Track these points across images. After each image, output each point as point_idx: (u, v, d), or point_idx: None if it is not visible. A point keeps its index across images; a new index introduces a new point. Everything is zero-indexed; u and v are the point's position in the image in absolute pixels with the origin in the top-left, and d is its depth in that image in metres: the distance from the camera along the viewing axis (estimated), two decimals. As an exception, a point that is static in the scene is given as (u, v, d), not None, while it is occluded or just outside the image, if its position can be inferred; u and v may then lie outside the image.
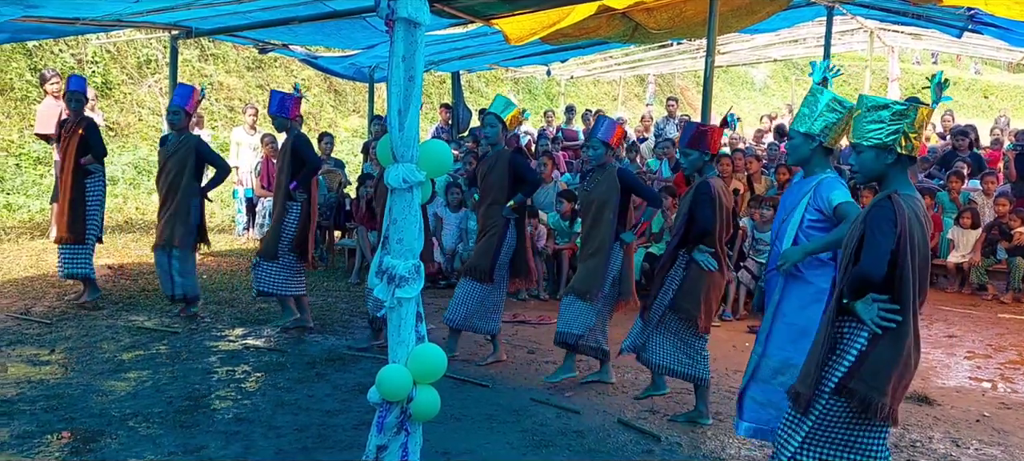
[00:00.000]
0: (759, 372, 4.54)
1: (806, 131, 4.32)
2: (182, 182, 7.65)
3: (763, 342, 4.50)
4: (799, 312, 4.35)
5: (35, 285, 8.77)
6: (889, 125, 3.38)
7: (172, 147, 7.72)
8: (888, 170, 3.42)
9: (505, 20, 8.76)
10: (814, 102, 4.31)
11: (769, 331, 4.47)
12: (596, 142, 6.21)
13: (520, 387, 6.20)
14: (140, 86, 16.16)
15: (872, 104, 3.45)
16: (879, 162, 3.43)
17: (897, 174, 3.42)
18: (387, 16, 3.34)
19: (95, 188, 8.18)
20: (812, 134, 4.31)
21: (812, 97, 4.34)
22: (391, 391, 3.46)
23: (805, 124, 4.33)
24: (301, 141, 7.44)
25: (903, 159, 3.40)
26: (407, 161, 3.44)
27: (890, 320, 3.30)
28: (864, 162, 3.47)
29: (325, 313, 8.26)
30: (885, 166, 3.41)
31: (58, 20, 8.13)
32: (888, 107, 3.40)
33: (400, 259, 3.48)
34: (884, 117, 3.40)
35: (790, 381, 4.32)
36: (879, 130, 3.40)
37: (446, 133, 14.23)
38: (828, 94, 4.29)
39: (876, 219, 3.31)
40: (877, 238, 3.28)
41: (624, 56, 18.25)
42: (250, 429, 5.11)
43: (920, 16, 10.08)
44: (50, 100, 10.54)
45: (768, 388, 4.50)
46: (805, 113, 4.34)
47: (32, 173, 13.35)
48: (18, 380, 5.86)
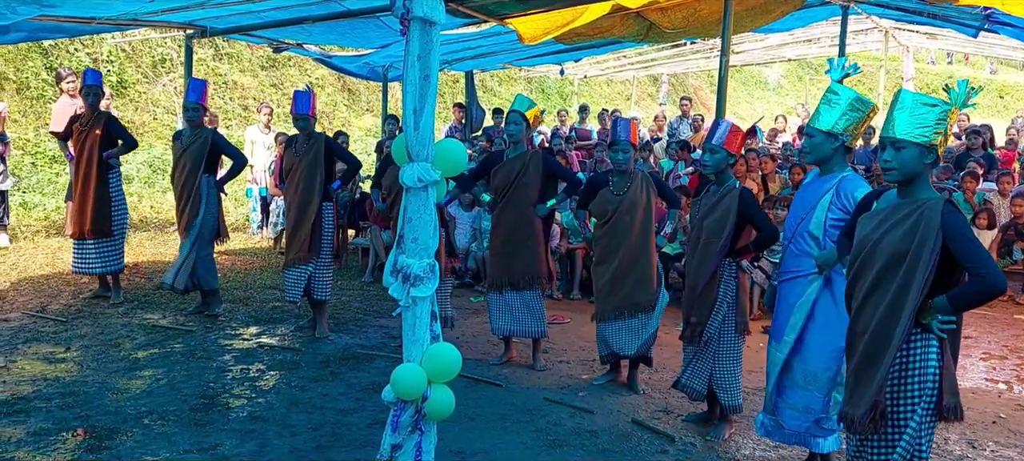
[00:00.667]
0: (793, 377, 4.47)
1: (829, 129, 4.27)
2: (198, 175, 7.66)
3: (792, 345, 4.42)
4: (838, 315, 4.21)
5: (51, 283, 8.82)
6: (936, 125, 3.25)
7: (187, 141, 7.71)
8: (924, 170, 3.31)
9: (519, 19, 8.76)
10: (837, 100, 4.26)
11: (802, 336, 4.39)
12: (626, 145, 5.93)
13: (534, 387, 6.20)
14: (155, 85, 16.23)
15: (922, 101, 3.29)
16: (920, 161, 3.26)
17: (927, 175, 3.33)
18: (402, 15, 3.34)
19: (117, 181, 8.24)
20: (836, 133, 4.26)
21: (834, 95, 4.29)
22: (406, 390, 3.46)
23: (828, 122, 4.28)
24: (332, 142, 7.43)
25: (936, 161, 3.34)
26: (422, 160, 3.44)
27: (950, 323, 3.25)
28: (905, 160, 3.27)
29: (339, 312, 8.28)
30: (924, 166, 3.27)
31: (74, 19, 8.17)
32: (937, 106, 3.26)
33: (415, 258, 3.48)
34: (932, 116, 3.26)
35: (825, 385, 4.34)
36: (926, 128, 3.25)
37: (459, 132, 14.24)
38: (851, 93, 4.25)
39: (962, 226, 3.18)
40: (977, 243, 3.16)
41: (637, 55, 18.22)
42: (265, 427, 5.12)
43: (936, 15, 10.02)
44: (66, 98, 10.58)
45: (806, 394, 4.44)
46: (825, 111, 4.29)
47: (48, 171, 13.42)
48: (34, 377, 5.90)
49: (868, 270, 3.34)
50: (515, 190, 6.52)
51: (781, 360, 4.50)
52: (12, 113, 13.57)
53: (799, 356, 4.44)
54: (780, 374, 4.53)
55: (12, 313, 7.62)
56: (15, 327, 7.17)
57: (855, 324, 3.42)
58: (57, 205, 12.42)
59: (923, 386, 3.28)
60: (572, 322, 8.31)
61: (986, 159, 11.88)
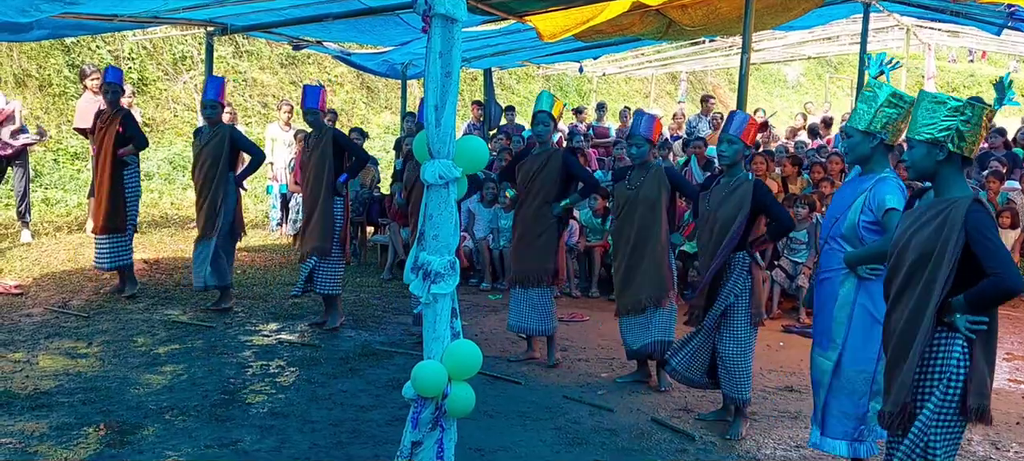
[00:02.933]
0: (840, 382, 4.36)
1: (866, 128, 4.18)
2: (218, 172, 7.69)
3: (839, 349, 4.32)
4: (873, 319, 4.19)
5: (73, 279, 8.88)
6: (943, 121, 3.26)
7: (206, 138, 7.76)
8: (940, 168, 3.29)
9: (538, 17, 8.74)
10: (873, 98, 4.17)
11: (845, 340, 4.30)
12: (640, 140, 5.95)
13: (553, 385, 6.19)
14: (175, 82, 16.32)
15: (931, 99, 3.32)
16: (929, 159, 3.31)
17: (952, 174, 3.31)
18: (425, 12, 3.35)
19: (132, 180, 8.28)
20: (872, 132, 4.17)
21: (870, 93, 4.20)
22: (426, 387, 3.46)
23: (864, 121, 4.19)
24: (341, 135, 7.49)
25: (954, 158, 3.28)
26: (443, 157, 3.44)
27: (980, 324, 3.23)
28: (915, 157, 3.35)
29: (358, 309, 8.29)
30: (936, 163, 3.29)
31: (96, 17, 8.21)
32: (945, 103, 3.28)
33: (436, 255, 3.48)
34: (940, 112, 3.27)
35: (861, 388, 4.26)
36: (932, 125, 3.28)
37: (478, 130, 14.23)
38: (888, 88, 4.16)
39: (985, 224, 3.17)
40: (997, 243, 3.15)
41: (656, 53, 18.16)
42: (285, 423, 5.14)
43: (959, 13, 9.92)
44: (89, 95, 10.65)
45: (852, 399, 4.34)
46: (863, 110, 4.20)
47: (69, 168, 13.53)
48: (56, 372, 5.94)
49: (900, 269, 3.35)
50: (534, 187, 6.53)
51: (830, 367, 4.36)
52: (34, 110, 13.69)
53: (841, 360, 4.33)
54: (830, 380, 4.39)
55: (35, 309, 7.68)
56: (37, 322, 7.23)
57: (888, 322, 3.43)
58: (79, 201, 12.51)
59: (940, 382, 3.28)
60: (591, 320, 8.29)
61: (1009, 158, 11.76)
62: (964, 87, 27.90)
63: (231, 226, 7.87)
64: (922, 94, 3.39)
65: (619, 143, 12.20)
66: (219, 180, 7.70)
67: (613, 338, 7.58)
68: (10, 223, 11.08)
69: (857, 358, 4.28)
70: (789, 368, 6.69)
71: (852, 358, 4.29)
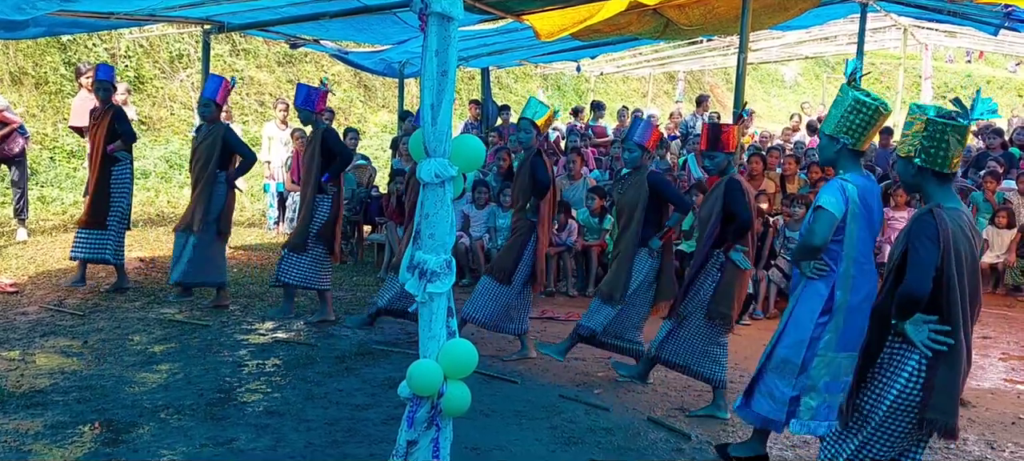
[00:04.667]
0: (772, 362, 4.54)
1: (830, 132, 4.26)
2: (209, 169, 7.79)
3: (777, 334, 4.50)
4: (800, 313, 4.38)
5: (68, 277, 8.85)
6: (914, 136, 3.39)
7: (202, 136, 7.89)
8: (921, 181, 3.37)
9: (536, 16, 8.74)
10: (840, 102, 4.24)
11: (784, 327, 4.47)
12: (631, 145, 6.16)
13: (549, 384, 6.19)
14: (172, 81, 16.30)
15: (911, 112, 3.45)
16: (907, 172, 3.43)
17: (936, 187, 3.36)
18: (421, 10, 3.34)
19: (121, 175, 8.35)
20: (835, 136, 4.24)
21: (839, 97, 4.28)
22: (422, 386, 3.45)
23: (828, 125, 4.28)
24: (330, 134, 7.59)
25: (927, 172, 3.36)
26: (439, 156, 3.43)
27: (941, 342, 3.25)
28: (899, 171, 3.50)
29: (354, 308, 8.29)
30: (911, 177, 3.40)
31: (92, 14, 8.21)
32: (916, 118, 3.40)
33: (432, 254, 3.47)
34: (912, 127, 3.41)
35: (778, 383, 4.44)
36: (905, 140, 3.43)
37: (476, 129, 14.22)
38: (855, 94, 4.19)
39: (917, 234, 3.26)
40: (920, 254, 3.23)
41: (654, 53, 18.17)
42: (280, 422, 5.13)
43: (956, 13, 9.93)
44: (85, 93, 10.65)
45: (770, 379, 4.52)
46: (832, 114, 4.29)
47: (66, 166, 13.50)
48: (51, 371, 5.93)
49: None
50: (513, 193, 6.95)
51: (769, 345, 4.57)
52: (31, 108, 13.67)
53: (776, 342, 4.50)
54: (765, 359, 4.58)
55: (30, 307, 7.66)
56: (33, 321, 7.21)
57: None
58: (75, 199, 12.50)
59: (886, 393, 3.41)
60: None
61: (1006, 158, 11.78)
62: (961, 87, 27.92)
63: (218, 225, 7.89)
64: (911, 107, 3.49)
65: (616, 143, 12.21)
66: (209, 178, 7.80)
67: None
68: (6, 221, 11.06)
69: (786, 347, 4.42)
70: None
71: (783, 346, 4.44)
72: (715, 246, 5.51)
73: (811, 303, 4.32)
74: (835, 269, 4.24)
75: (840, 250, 4.19)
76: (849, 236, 4.17)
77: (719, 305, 5.51)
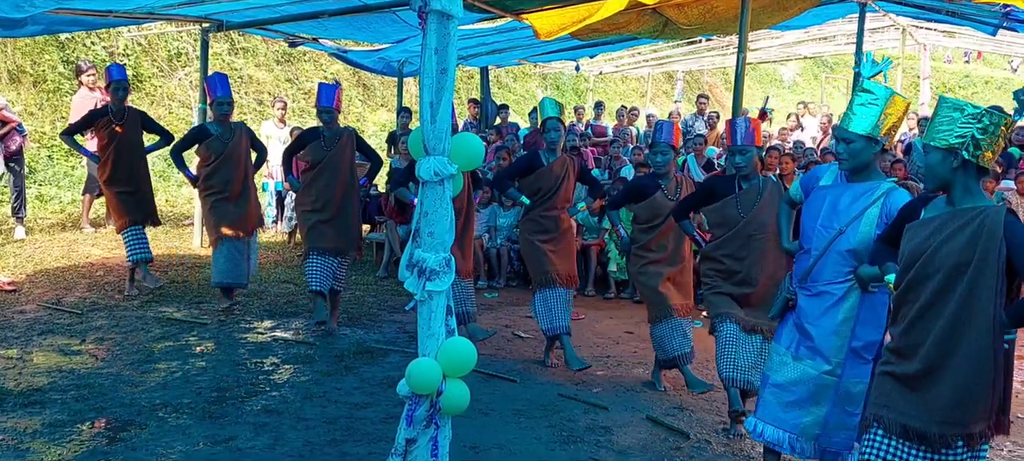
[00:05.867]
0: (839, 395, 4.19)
1: (869, 133, 3.97)
2: (249, 170, 7.84)
3: (842, 364, 4.14)
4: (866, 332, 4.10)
5: (66, 275, 8.85)
6: (959, 128, 3.18)
7: (228, 137, 7.63)
8: (954, 176, 3.20)
9: (535, 15, 8.73)
10: (874, 100, 3.97)
11: (847, 356, 4.13)
12: (664, 146, 5.94)
13: (548, 382, 6.19)
14: (171, 79, 16.28)
15: (950, 105, 3.24)
16: (945, 165, 3.21)
17: (969, 182, 3.22)
18: (420, 8, 3.33)
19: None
20: (876, 137, 3.98)
21: (869, 94, 3.99)
22: (421, 384, 3.45)
23: (867, 126, 3.97)
24: (360, 137, 7.53)
25: (970, 166, 3.19)
26: (439, 154, 3.43)
27: (1011, 337, 3.23)
28: (931, 164, 3.25)
29: (353, 307, 8.28)
30: (951, 171, 3.20)
31: (91, 12, 8.19)
32: (963, 109, 3.20)
33: (431, 252, 3.47)
34: (956, 118, 3.19)
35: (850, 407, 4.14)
36: (949, 132, 3.19)
37: (475, 128, 14.22)
38: (887, 90, 3.99)
39: (1022, 234, 3.10)
40: None
41: (652, 52, 18.16)
42: (279, 421, 5.13)
43: (954, 13, 9.93)
44: (85, 91, 10.64)
45: (844, 413, 4.19)
46: (863, 113, 3.98)
47: (64, 164, 13.48)
48: (49, 369, 5.92)
49: (924, 282, 3.23)
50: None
51: (833, 383, 4.19)
52: (29, 106, 13.64)
53: (842, 374, 4.17)
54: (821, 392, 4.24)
55: (28, 305, 7.65)
56: (31, 319, 7.20)
57: (907, 336, 3.30)
58: (73, 198, 12.48)
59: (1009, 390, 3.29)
60: (586, 318, 8.29)
61: (1004, 158, 11.79)
62: (959, 88, 27.96)
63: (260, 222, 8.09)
64: (942, 100, 3.29)
65: (616, 142, 12.21)
66: (251, 178, 7.87)
67: (608, 336, 7.61)
68: (3, 220, 11.04)
69: (856, 371, 4.14)
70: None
71: (853, 372, 4.15)
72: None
73: (874, 321, 4.06)
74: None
75: None
76: None
77: None
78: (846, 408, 4.17)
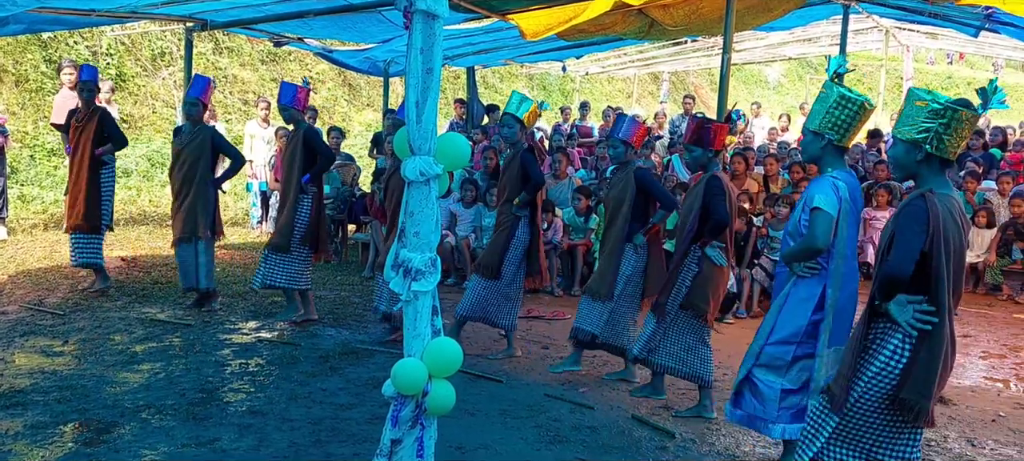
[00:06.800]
0: (760, 359, 4.54)
1: (815, 128, 4.26)
2: (198, 173, 7.62)
3: (766, 333, 4.49)
4: (790, 311, 4.39)
5: (48, 276, 8.79)
6: (923, 122, 3.32)
7: (187, 138, 7.66)
8: (919, 168, 3.35)
9: (521, 15, 8.74)
10: (825, 98, 4.24)
11: (773, 324, 4.46)
12: (615, 141, 6.17)
13: (534, 383, 6.18)
14: (154, 78, 16.20)
15: (916, 98, 3.36)
16: (909, 158, 3.38)
17: (931, 173, 3.36)
18: (406, 8, 3.32)
19: (108, 178, 8.24)
20: (821, 132, 4.24)
21: (823, 93, 4.28)
22: (406, 385, 3.44)
23: (815, 121, 4.27)
24: (313, 134, 7.48)
25: (933, 159, 3.33)
26: (424, 154, 3.42)
27: (926, 322, 3.27)
28: (896, 156, 3.43)
29: (338, 307, 8.26)
30: (915, 163, 3.35)
31: (73, 12, 8.14)
32: (927, 105, 3.32)
33: (416, 252, 3.46)
34: (921, 113, 3.33)
35: (768, 379, 4.47)
36: (913, 126, 3.34)
37: (461, 128, 14.22)
38: (839, 90, 4.20)
39: (907, 217, 3.28)
40: (906, 236, 3.25)
41: (638, 53, 18.21)
42: (263, 422, 5.11)
43: (937, 15, 10.00)
44: (66, 91, 10.57)
45: (759, 374, 4.54)
46: (816, 110, 4.28)
47: (46, 164, 13.40)
48: (31, 371, 5.87)
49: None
50: (500, 187, 6.91)
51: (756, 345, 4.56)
52: (11, 105, 13.55)
53: (766, 341, 4.51)
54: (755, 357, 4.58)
55: (9, 306, 7.60)
56: (12, 320, 7.15)
57: None
58: (55, 198, 12.40)
59: (865, 369, 3.42)
60: (571, 318, 8.27)
61: (985, 158, 11.89)
62: (942, 89, 28.08)
63: (211, 228, 7.81)
64: (911, 92, 3.42)
65: (602, 142, 12.23)
66: (200, 181, 7.64)
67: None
68: (-14, 220, 10.97)
69: (776, 341, 4.45)
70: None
71: (774, 343, 4.46)
72: (693, 241, 5.53)
73: (803, 302, 4.32)
74: (826, 267, 4.25)
75: (832, 248, 4.20)
76: (840, 234, 4.18)
77: (694, 297, 5.53)
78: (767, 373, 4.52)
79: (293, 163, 7.35)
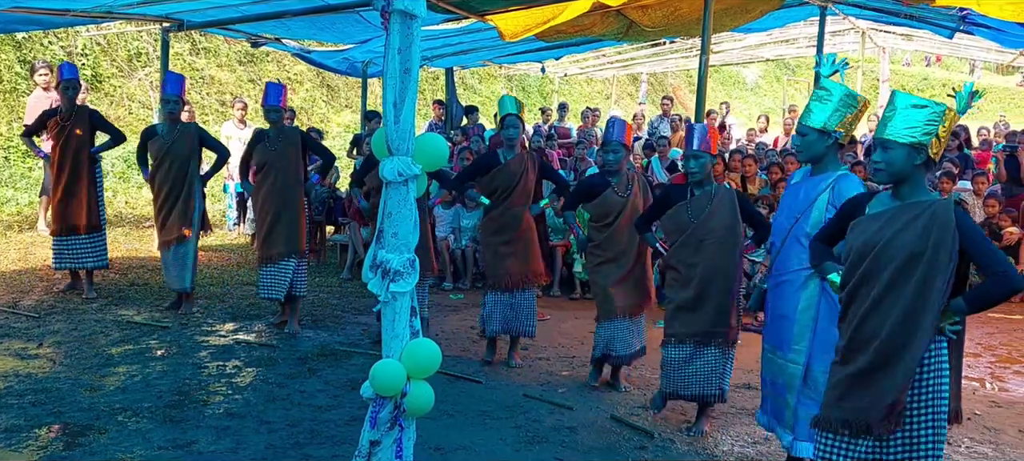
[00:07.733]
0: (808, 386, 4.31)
1: (822, 127, 4.17)
2: (189, 171, 7.59)
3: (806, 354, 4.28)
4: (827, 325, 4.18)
5: (23, 278, 8.70)
6: (926, 124, 3.25)
7: (170, 137, 7.56)
8: (915, 171, 3.29)
9: (499, 16, 8.72)
10: (829, 96, 4.18)
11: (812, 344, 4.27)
12: (616, 145, 5.90)
13: (513, 383, 6.18)
14: (130, 79, 16.06)
15: (912, 102, 3.29)
16: (909, 162, 3.27)
17: (921, 177, 3.32)
18: (383, 8, 3.32)
19: (100, 176, 8.24)
20: (829, 130, 4.17)
21: (825, 91, 4.20)
22: (385, 386, 3.43)
23: (820, 120, 4.18)
24: (311, 135, 7.45)
25: (928, 162, 3.30)
26: (402, 154, 3.41)
27: (957, 326, 3.29)
28: (894, 160, 3.28)
29: (317, 309, 8.22)
30: (913, 167, 3.27)
31: (48, 12, 8.04)
32: (928, 107, 3.27)
33: (395, 253, 3.45)
34: (922, 116, 3.25)
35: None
36: (914, 128, 3.25)
37: (440, 129, 14.19)
38: (842, 88, 4.17)
39: (974, 227, 3.22)
40: (990, 242, 3.22)
41: (617, 54, 18.25)
42: (241, 424, 5.08)
43: (912, 16, 10.07)
44: (39, 92, 10.46)
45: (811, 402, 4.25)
46: (818, 108, 4.19)
47: (20, 166, 13.25)
48: (6, 374, 5.81)
49: (876, 275, 3.30)
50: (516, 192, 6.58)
51: (798, 372, 4.33)
52: (-16, 106, 13.40)
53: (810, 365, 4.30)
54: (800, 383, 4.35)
55: (-16, 308, 7.51)
56: (-13, 323, 7.07)
57: (860, 330, 3.36)
58: (30, 200, 12.27)
59: (937, 390, 3.29)
60: (552, 319, 8.29)
61: (961, 159, 12.00)
62: (917, 90, 28.37)
63: (202, 226, 7.79)
64: (898, 96, 3.35)
65: (581, 143, 12.23)
66: (190, 180, 7.58)
67: (574, 337, 7.62)
68: (-41, 222, 10.84)
69: (824, 361, 4.17)
70: (746, 366, 6.72)
71: (820, 362, 4.22)
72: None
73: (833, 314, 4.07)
74: None
75: None
76: None
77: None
78: (813, 397, 4.23)
79: (297, 165, 7.22)
